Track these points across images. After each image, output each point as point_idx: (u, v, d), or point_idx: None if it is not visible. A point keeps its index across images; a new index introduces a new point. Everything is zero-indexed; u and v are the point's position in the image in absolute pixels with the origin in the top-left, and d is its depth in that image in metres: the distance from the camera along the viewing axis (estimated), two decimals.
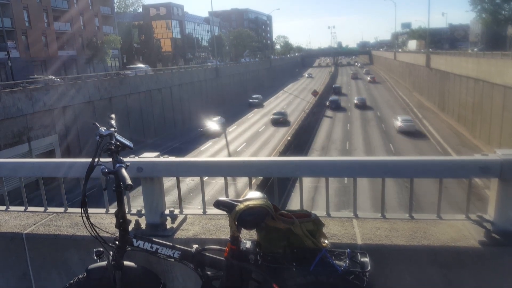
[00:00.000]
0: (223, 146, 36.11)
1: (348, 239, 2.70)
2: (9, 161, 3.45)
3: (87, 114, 29.67)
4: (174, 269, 2.88)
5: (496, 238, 2.60)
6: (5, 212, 3.55)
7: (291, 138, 34.60)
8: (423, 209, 17.61)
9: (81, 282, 2.60)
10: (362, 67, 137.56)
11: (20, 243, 3.13)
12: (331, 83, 78.76)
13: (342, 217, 3.03)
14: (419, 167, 2.78)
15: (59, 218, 3.36)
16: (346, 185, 22.43)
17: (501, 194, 2.61)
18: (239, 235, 2.41)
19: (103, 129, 2.43)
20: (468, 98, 36.71)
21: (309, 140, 38.04)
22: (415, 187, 3.02)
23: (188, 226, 3.04)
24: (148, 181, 3.00)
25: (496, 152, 2.63)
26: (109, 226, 3.06)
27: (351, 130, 41.76)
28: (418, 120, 44.41)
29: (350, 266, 2.29)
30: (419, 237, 2.67)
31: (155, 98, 40.08)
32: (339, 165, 2.90)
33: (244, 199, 2.42)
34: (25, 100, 24.96)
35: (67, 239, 3.04)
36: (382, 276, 2.59)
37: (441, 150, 32.59)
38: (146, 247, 2.53)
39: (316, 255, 2.31)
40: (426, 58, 54.78)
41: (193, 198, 21.04)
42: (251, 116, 51.98)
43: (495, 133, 30.71)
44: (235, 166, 3.06)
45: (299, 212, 2.46)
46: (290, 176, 3.04)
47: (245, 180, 3.24)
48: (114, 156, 2.38)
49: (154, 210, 3.03)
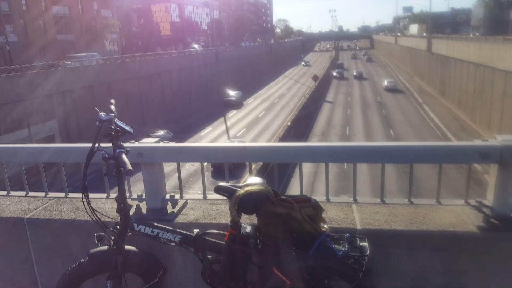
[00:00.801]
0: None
1: (347, 223, 2.72)
2: (9, 146, 3.45)
3: (86, 99, 29.57)
4: (175, 253, 2.91)
5: (495, 223, 2.62)
6: (6, 197, 3.57)
7: (291, 123, 34.59)
8: (422, 194, 17.71)
9: (82, 266, 2.63)
10: (361, 49, 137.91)
11: (21, 228, 3.15)
12: (332, 68, 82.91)
13: (342, 202, 3.05)
14: (419, 153, 2.78)
15: (60, 203, 3.38)
16: (345, 170, 22.51)
17: (500, 180, 2.62)
18: (239, 219, 2.43)
19: (103, 114, 2.43)
20: (469, 83, 36.56)
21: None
22: (414, 173, 3.03)
23: (188, 211, 3.05)
24: (148, 166, 3.00)
25: (496, 138, 2.63)
26: (110, 211, 3.08)
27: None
28: (419, 105, 44.30)
29: (349, 251, 2.31)
30: (418, 222, 2.69)
31: (154, 83, 39.88)
32: (339, 151, 2.90)
33: (244, 184, 2.43)
34: (24, 85, 24.83)
35: (68, 223, 3.06)
36: (381, 260, 2.61)
37: (441, 135, 32.59)
38: (147, 232, 2.55)
39: (316, 239, 2.33)
40: (427, 43, 54.37)
41: (193, 183, 21.13)
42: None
43: (495, 118, 30.67)
44: (235, 151, 3.07)
45: (299, 197, 2.47)
46: (290, 161, 3.05)
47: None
48: (114, 141, 2.38)
49: (155, 195, 3.04)
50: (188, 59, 48.98)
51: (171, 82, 43.25)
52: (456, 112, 39.26)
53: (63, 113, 28.17)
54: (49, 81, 26.83)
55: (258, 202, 2.34)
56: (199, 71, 50.18)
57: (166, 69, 42.36)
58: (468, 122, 35.55)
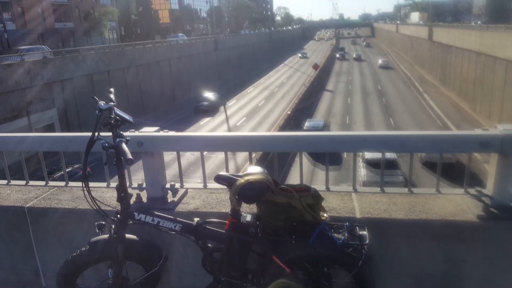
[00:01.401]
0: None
1: (347, 212, 2.73)
2: (10, 135, 3.44)
3: (86, 88, 29.46)
4: (175, 241, 2.92)
5: (494, 212, 2.63)
6: (7, 186, 3.58)
7: (291, 112, 34.52)
8: (421, 183, 17.76)
9: (83, 254, 2.64)
10: (361, 37, 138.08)
11: (22, 217, 3.16)
12: (333, 55, 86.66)
13: (341, 191, 3.05)
14: (419, 142, 2.78)
15: (60, 192, 3.38)
16: (345, 159, 22.52)
17: (500, 169, 2.62)
18: (239, 208, 2.44)
19: (102, 103, 2.42)
20: (470, 72, 36.40)
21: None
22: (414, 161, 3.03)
23: (189, 200, 3.06)
24: (148, 155, 3.00)
25: (497, 127, 2.62)
26: (110, 199, 3.09)
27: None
28: (419, 94, 44.19)
29: (349, 239, 2.32)
30: (417, 211, 2.70)
31: (153, 71, 39.69)
32: (339, 140, 2.90)
33: (244, 173, 2.44)
34: (23, 74, 24.72)
35: (68, 212, 3.07)
36: (380, 249, 2.63)
37: (441, 124, 32.56)
38: (147, 221, 2.56)
39: (315, 228, 2.34)
40: (428, 31, 53.96)
41: (193, 172, 21.15)
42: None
43: (495, 107, 30.60)
44: (235, 141, 3.06)
45: (299, 186, 2.48)
46: (290, 151, 3.05)
47: (245, 154, 3.24)
48: (114, 130, 2.38)
49: (155, 184, 3.04)
50: (187, 47, 48.66)
51: (171, 70, 43.04)
52: (457, 101, 39.15)
53: (63, 102, 28.08)
54: (47, 69, 26.70)
55: (258, 191, 2.35)
56: (199, 59, 49.93)
57: (165, 57, 42.12)
58: (469, 111, 35.47)
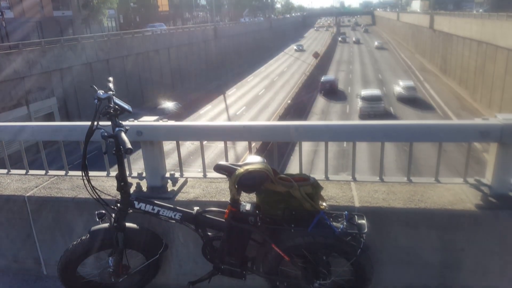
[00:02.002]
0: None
1: (346, 201, 2.74)
2: (9, 125, 3.44)
3: (85, 77, 29.35)
4: (175, 230, 2.94)
5: (493, 201, 2.64)
6: (7, 175, 3.59)
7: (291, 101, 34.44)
8: (421, 173, 17.80)
9: (84, 243, 2.66)
10: (360, 25, 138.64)
11: (22, 206, 3.17)
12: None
13: (341, 180, 3.06)
14: (419, 131, 2.78)
15: (60, 181, 3.39)
16: (345, 149, 22.54)
17: (499, 159, 2.62)
18: (239, 198, 2.45)
19: (101, 92, 2.41)
20: (471, 61, 36.21)
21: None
22: (414, 151, 3.03)
23: (188, 189, 3.07)
24: (148, 144, 3.00)
25: (496, 116, 2.62)
26: (110, 188, 3.10)
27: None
28: (420, 83, 44.06)
29: (347, 228, 2.34)
30: (416, 200, 2.71)
31: (152, 60, 39.50)
32: (339, 130, 2.90)
33: (243, 163, 2.44)
34: (22, 62, 24.60)
35: (69, 201, 3.08)
36: (379, 237, 2.65)
37: (441, 113, 32.51)
38: (147, 209, 2.57)
39: (314, 217, 2.36)
40: (429, 19, 53.54)
41: (193, 161, 21.19)
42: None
43: (496, 97, 30.51)
44: (235, 130, 3.06)
45: (298, 176, 2.49)
46: (290, 140, 3.05)
47: (244, 144, 3.24)
48: (113, 119, 2.38)
49: (155, 173, 3.05)
50: (186, 35, 48.31)
51: (170, 59, 42.82)
52: (457, 90, 39.03)
53: (62, 91, 28.00)
54: (46, 58, 26.56)
55: (257, 180, 2.36)
56: (198, 47, 49.62)
57: (164, 46, 41.86)
58: (469, 100, 35.38)
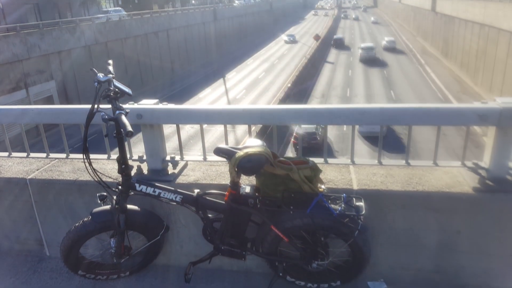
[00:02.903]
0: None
1: (344, 184, 2.77)
2: (10, 108, 3.44)
3: (83, 59, 29.14)
4: (176, 212, 2.98)
5: (490, 184, 2.66)
6: (8, 158, 3.61)
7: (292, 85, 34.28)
8: (421, 156, 17.86)
9: (86, 225, 2.70)
10: (360, 7, 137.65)
11: (24, 188, 3.21)
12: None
13: (339, 164, 3.09)
14: (418, 115, 2.78)
15: (62, 163, 3.42)
16: (345, 133, 22.56)
17: (497, 142, 2.64)
18: (238, 180, 2.48)
19: (101, 75, 2.41)
20: (472, 44, 35.90)
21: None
22: (414, 135, 3.04)
23: (189, 171, 3.10)
24: (148, 127, 3.01)
25: (496, 100, 2.63)
26: (111, 171, 3.12)
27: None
28: (421, 66, 43.81)
29: (345, 210, 2.37)
30: (414, 183, 2.74)
31: (151, 42, 39.15)
32: (338, 113, 2.90)
33: (243, 146, 2.46)
34: (20, 45, 24.39)
35: (70, 183, 3.11)
36: (376, 219, 2.68)
37: (441, 97, 32.42)
38: (148, 191, 2.60)
39: (313, 199, 2.39)
40: (431, 2, 52.86)
41: (193, 145, 21.21)
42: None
43: (497, 80, 30.35)
44: (234, 114, 3.07)
45: (297, 159, 2.51)
46: (289, 123, 3.06)
47: (244, 127, 3.26)
48: (113, 102, 2.38)
49: (155, 156, 3.07)
50: (185, 17, 47.76)
51: (169, 41, 42.44)
52: (458, 73, 38.81)
53: (61, 74, 27.84)
54: (45, 40, 26.33)
55: (257, 163, 2.38)
56: (198, 29, 49.12)
57: (163, 28, 41.43)
58: (470, 84, 35.21)
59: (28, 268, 3.28)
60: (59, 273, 3.18)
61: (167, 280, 3.03)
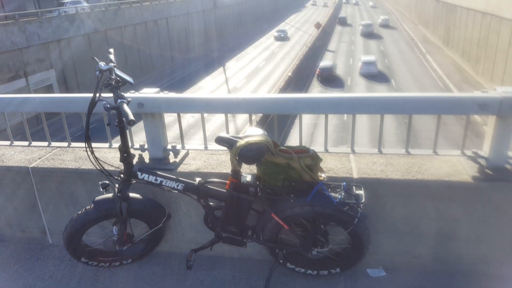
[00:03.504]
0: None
1: (344, 173, 2.79)
2: (11, 97, 3.44)
3: (83, 48, 28.99)
4: (178, 200, 3.01)
5: (489, 173, 2.68)
6: (10, 147, 3.62)
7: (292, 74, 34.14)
8: (421, 145, 17.89)
9: (88, 213, 2.73)
10: None
11: (27, 177, 3.23)
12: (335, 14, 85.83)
13: (340, 152, 3.10)
14: (418, 104, 2.79)
15: (63, 152, 3.43)
16: (345, 122, 22.55)
17: (497, 131, 2.65)
18: (239, 169, 2.50)
19: (103, 64, 2.41)
20: (474, 33, 35.64)
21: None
22: (414, 124, 3.05)
23: (190, 160, 3.12)
24: (149, 116, 3.02)
25: (496, 89, 2.63)
26: (113, 160, 3.14)
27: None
28: (422, 55, 43.59)
29: (345, 198, 2.40)
30: (414, 172, 2.76)
31: (151, 31, 38.87)
32: (339, 102, 2.91)
33: (244, 135, 2.47)
34: (19, 33, 24.24)
35: (72, 172, 3.13)
36: (376, 207, 2.71)
37: (442, 86, 32.32)
38: (150, 180, 2.62)
39: (313, 187, 2.41)
40: None
41: (193, 134, 21.24)
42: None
43: (498, 70, 30.20)
44: (235, 103, 3.07)
45: (298, 148, 2.52)
46: (290, 113, 3.07)
47: (245, 116, 3.26)
48: (115, 91, 2.39)
49: (157, 145, 3.09)
50: (185, 5, 47.36)
51: (168, 29, 42.15)
52: (460, 62, 38.61)
53: (61, 62, 27.72)
54: (44, 29, 26.16)
55: (258, 152, 2.39)
56: (197, 17, 48.73)
57: (162, 15, 41.09)
58: (471, 73, 35.05)
59: (31, 255, 3.32)
60: (62, 260, 3.22)
61: (169, 267, 3.07)
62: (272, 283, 2.77)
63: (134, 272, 3.03)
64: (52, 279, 3.04)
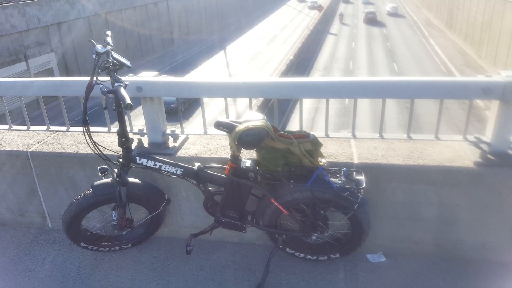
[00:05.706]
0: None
1: (345, 158, 2.76)
2: (9, 80, 3.40)
3: (83, 31, 28.73)
4: (177, 184, 2.99)
5: (491, 159, 2.65)
6: (8, 131, 3.60)
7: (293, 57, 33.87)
8: (423, 130, 17.82)
9: (87, 197, 2.72)
10: None
11: (26, 161, 3.21)
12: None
13: (340, 138, 3.07)
14: (420, 88, 2.74)
15: (62, 136, 3.41)
16: (346, 106, 22.45)
17: (500, 116, 2.61)
18: (239, 154, 2.47)
19: (100, 47, 2.37)
20: (478, 15, 35.19)
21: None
22: (416, 109, 3.01)
23: (189, 145, 3.09)
24: (148, 100, 2.99)
25: (500, 73, 2.59)
26: (112, 144, 3.12)
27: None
28: (424, 38, 43.14)
29: (345, 183, 2.38)
30: (415, 157, 2.73)
31: (151, 13, 38.43)
32: (340, 86, 2.87)
33: (244, 120, 2.44)
34: (18, 16, 24.00)
35: (71, 156, 3.11)
36: (376, 193, 2.69)
37: (445, 70, 32.06)
38: (149, 165, 2.60)
39: (313, 173, 2.39)
40: None
41: (193, 118, 21.19)
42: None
43: (501, 53, 29.90)
44: (235, 87, 3.03)
45: (298, 133, 2.49)
46: (290, 97, 3.02)
47: (245, 101, 3.23)
48: (112, 75, 2.35)
49: (156, 129, 3.06)
50: None
51: (169, 11, 41.65)
52: (462, 46, 38.24)
53: (61, 46, 27.51)
54: (43, 12, 25.88)
55: (257, 137, 2.36)
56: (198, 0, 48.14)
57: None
58: (474, 56, 34.74)
59: (31, 240, 3.33)
60: (61, 244, 3.23)
61: (169, 252, 3.07)
62: (272, 267, 2.78)
63: (134, 256, 3.04)
64: (52, 264, 3.05)
